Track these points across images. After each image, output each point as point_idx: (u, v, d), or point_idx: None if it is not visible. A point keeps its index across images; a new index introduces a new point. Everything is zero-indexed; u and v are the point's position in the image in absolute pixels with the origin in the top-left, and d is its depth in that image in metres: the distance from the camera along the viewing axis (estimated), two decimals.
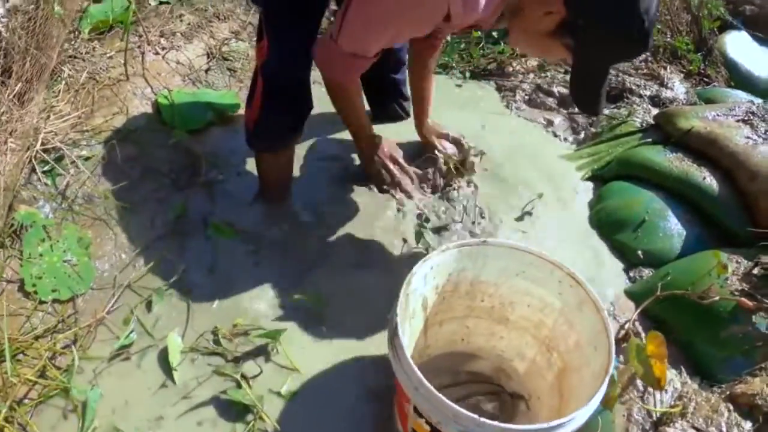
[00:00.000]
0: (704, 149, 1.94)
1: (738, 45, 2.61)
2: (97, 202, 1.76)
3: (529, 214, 1.86)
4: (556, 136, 2.24)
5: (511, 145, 2.13)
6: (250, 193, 1.85)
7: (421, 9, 1.32)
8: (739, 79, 2.52)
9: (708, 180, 1.85)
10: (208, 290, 1.60)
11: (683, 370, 1.49)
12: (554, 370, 1.30)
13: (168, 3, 2.45)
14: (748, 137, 1.92)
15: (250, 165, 1.90)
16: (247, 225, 1.75)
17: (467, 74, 2.44)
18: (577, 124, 2.28)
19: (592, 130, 2.22)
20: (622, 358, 1.49)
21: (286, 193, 1.83)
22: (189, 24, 2.38)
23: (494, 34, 2.58)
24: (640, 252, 1.76)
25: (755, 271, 1.54)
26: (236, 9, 2.58)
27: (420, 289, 1.24)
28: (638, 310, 1.59)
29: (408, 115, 2.15)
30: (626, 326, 1.58)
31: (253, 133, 1.72)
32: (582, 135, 2.24)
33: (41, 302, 1.52)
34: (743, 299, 1.44)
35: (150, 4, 2.46)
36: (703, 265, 1.62)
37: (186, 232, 1.73)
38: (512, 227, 1.83)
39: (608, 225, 1.85)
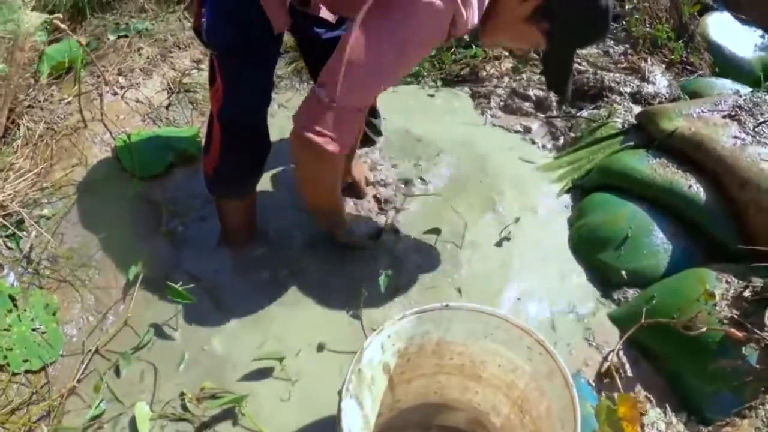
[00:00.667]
0: (689, 152, 1.79)
1: (720, 27, 2.42)
2: (61, 262, 1.69)
3: (507, 239, 1.73)
4: (534, 143, 2.10)
5: (487, 158, 2.00)
6: (213, 238, 1.75)
7: (433, 24, 1.18)
8: (724, 63, 2.33)
9: (694, 188, 1.71)
10: (173, 350, 1.53)
11: (668, 408, 1.38)
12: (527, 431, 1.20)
13: (126, 36, 2.33)
14: (735, 137, 1.76)
15: (213, 208, 1.79)
16: (210, 275, 1.66)
17: (439, 82, 2.30)
18: (556, 128, 2.13)
19: (572, 134, 2.08)
20: (603, 397, 1.39)
21: (249, 236, 1.74)
22: (148, 57, 2.26)
23: (465, 37, 2.42)
24: (623, 272, 1.63)
25: (746, 293, 1.41)
26: None
27: (377, 357, 1.14)
28: (622, 341, 1.48)
29: (380, 134, 2.03)
30: (609, 358, 1.47)
31: (213, 179, 1.63)
32: (561, 140, 2.10)
33: (14, 374, 1.47)
34: (732, 330, 1.32)
35: (108, 39, 2.35)
36: (691, 287, 1.50)
37: (149, 288, 1.64)
38: (490, 251, 1.72)
39: (590, 243, 1.71)
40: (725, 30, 2.42)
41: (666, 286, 1.55)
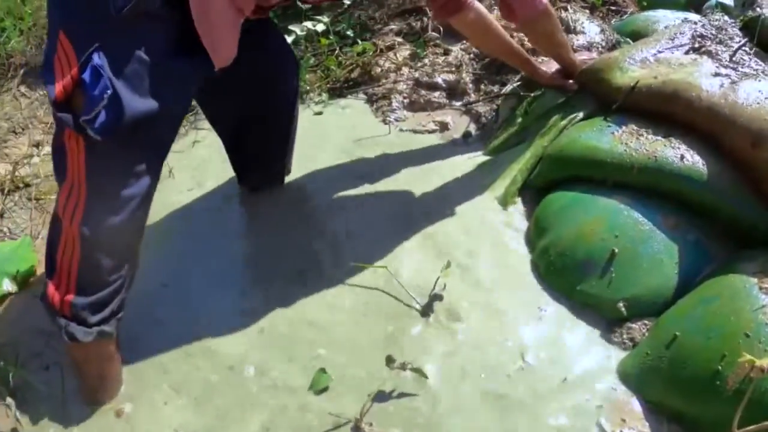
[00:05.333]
0: (664, 108, 1.09)
1: None
2: None
3: (439, 298, 1.02)
4: (455, 143, 1.39)
5: (400, 180, 1.28)
6: (67, 392, 1.02)
7: None
8: None
9: (688, 157, 1.01)
10: None
11: None
12: None
13: None
14: (717, 74, 1.08)
15: (58, 348, 1.06)
16: None
17: (324, 95, 1.56)
18: (479, 115, 1.42)
19: (501, 119, 1.37)
20: None
21: (115, 387, 1.01)
22: None
23: (349, 33, 1.69)
24: (621, 304, 0.94)
25: None
26: (37, 111, 1.68)
27: None
28: None
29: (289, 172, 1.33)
30: None
31: (71, 319, 0.93)
32: (488, 130, 1.38)
33: None
34: None
35: None
36: (726, 313, 0.83)
37: None
38: (428, 311, 1.02)
39: (563, 273, 1.00)
40: None
41: (690, 316, 0.87)
